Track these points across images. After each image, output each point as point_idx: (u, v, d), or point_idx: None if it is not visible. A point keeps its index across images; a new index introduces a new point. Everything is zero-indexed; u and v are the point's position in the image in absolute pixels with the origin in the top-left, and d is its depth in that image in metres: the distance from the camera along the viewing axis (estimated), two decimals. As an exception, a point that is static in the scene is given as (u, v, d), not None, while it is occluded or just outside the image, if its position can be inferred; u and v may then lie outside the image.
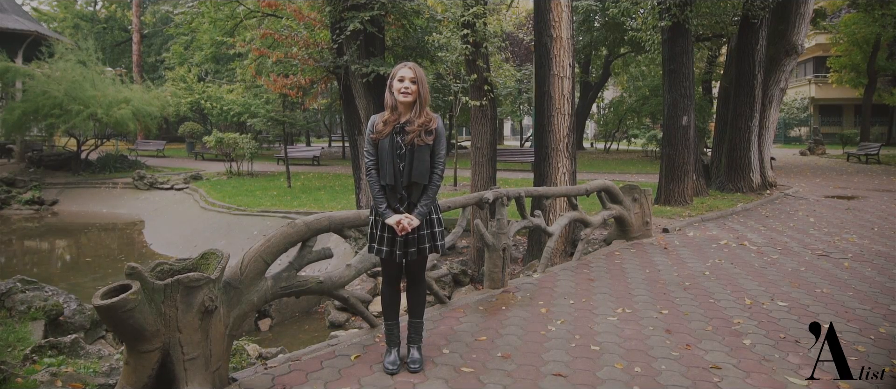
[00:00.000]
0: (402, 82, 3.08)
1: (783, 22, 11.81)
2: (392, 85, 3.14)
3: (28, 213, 16.67)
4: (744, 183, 11.86)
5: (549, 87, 8.13)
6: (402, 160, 3.11)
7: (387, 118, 3.14)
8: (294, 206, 13.15)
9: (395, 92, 3.11)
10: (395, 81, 3.12)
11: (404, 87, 3.07)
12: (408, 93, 3.08)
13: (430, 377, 3.23)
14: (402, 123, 3.13)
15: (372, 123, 3.19)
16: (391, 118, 3.13)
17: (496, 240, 4.94)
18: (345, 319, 7.53)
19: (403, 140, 3.10)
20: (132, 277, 2.58)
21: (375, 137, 3.14)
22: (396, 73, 3.13)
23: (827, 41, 30.60)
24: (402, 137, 3.11)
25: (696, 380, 3.23)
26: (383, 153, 3.11)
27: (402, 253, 3.19)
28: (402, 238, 3.16)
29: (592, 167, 20.06)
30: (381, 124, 3.14)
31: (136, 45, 31.21)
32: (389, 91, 3.16)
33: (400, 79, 3.09)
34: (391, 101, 3.15)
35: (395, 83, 3.11)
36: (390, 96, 3.15)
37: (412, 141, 3.08)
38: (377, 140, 3.13)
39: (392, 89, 3.14)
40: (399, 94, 3.10)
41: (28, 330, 4.61)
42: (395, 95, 3.13)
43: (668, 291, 4.99)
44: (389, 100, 3.16)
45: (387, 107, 3.18)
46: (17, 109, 17.76)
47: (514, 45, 24.01)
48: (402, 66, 3.14)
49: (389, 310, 3.36)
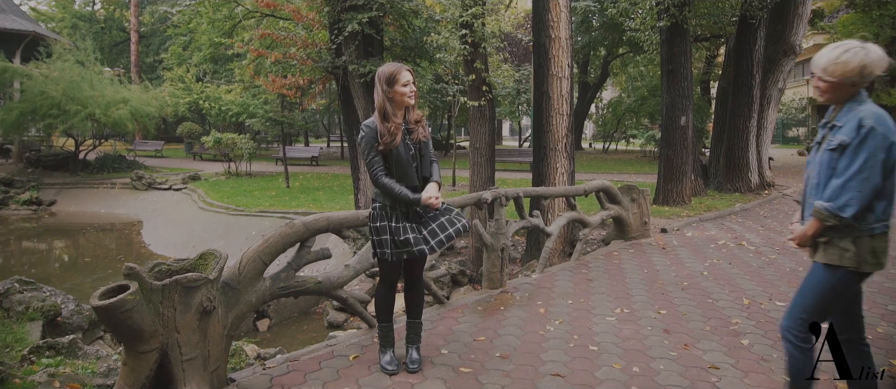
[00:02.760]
0: (408, 85, 3.03)
1: (781, 22, 11.82)
2: (394, 88, 3.01)
3: (26, 214, 16.64)
4: (742, 183, 11.87)
5: (547, 88, 8.13)
6: (415, 160, 3.10)
7: (393, 125, 3.01)
8: (292, 207, 13.14)
9: (402, 95, 3.02)
10: (399, 86, 3.01)
11: (411, 90, 3.05)
12: (413, 94, 3.07)
13: (429, 377, 3.23)
14: (405, 125, 3.10)
15: (374, 133, 3.00)
16: (396, 123, 3.02)
17: (494, 241, 4.95)
18: (343, 319, 7.52)
19: (411, 140, 3.09)
20: (130, 278, 2.58)
21: (385, 148, 3.00)
22: (399, 77, 3.02)
23: (825, 41, 30.59)
24: (409, 137, 3.10)
25: (694, 380, 3.23)
26: (401, 160, 3.02)
27: (424, 244, 3.05)
28: (415, 235, 3.05)
29: (591, 167, 20.07)
30: (389, 135, 2.98)
31: (135, 45, 31.18)
32: (386, 94, 3.02)
33: (404, 84, 3.02)
34: (389, 106, 3.03)
35: (400, 88, 3.01)
36: (386, 100, 3.03)
37: (419, 138, 3.10)
38: (387, 149, 3.00)
39: (393, 92, 3.02)
40: (407, 98, 3.04)
41: (26, 331, 4.61)
42: (398, 98, 3.03)
43: (666, 291, 5.00)
44: (386, 105, 3.02)
45: (380, 111, 3.04)
46: (14, 109, 17.74)
47: (513, 45, 24.01)
48: (400, 69, 3.06)
49: (384, 312, 3.35)
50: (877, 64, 2.42)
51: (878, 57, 2.41)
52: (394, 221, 3.06)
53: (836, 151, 2.45)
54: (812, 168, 2.64)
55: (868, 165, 2.35)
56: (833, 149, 2.47)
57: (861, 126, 2.38)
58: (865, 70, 2.40)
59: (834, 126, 2.52)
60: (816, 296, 2.59)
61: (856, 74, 2.41)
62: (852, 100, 2.48)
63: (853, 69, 2.40)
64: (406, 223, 3.06)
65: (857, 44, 2.44)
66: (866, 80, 2.44)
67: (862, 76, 2.42)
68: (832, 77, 2.46)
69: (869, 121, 2.38)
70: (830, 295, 2.56)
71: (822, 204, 2.46)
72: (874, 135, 2.35)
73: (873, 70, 2.42)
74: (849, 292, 2.59)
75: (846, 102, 2.50)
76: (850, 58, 2.41)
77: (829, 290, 2.55)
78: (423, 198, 3.02)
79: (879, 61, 2.42)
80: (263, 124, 19.60)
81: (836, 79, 2.45)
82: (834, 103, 2.56)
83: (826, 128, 2.58)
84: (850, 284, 2.55)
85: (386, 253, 3.08)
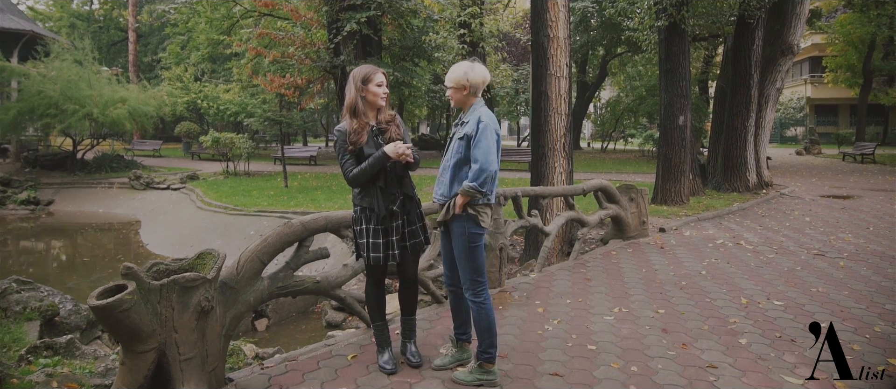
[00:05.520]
0: (381, 86, 3.15)
1: (779, 22, 11.84)
2: (368, 87, 3.12)
3: (24, 213, 16.60)
4: (740, 182, 11.89)
5: (545, 87, 8.14)
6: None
7: (360, 125, 3.10)
8: (291, 206, 13.12)
9: (375, 95, 3.13)
10: (372, 86, 3.13)
11: (384, 92, 3.16)
12: (385, 97, 3.19)
13: (427, 376, 3.23)
14: (376, 126, 3.17)
15: (344, 135, 3.11)
16: (363, 124, 3.11)
17: (493, 240, 4.94)
18: (342, 319, 7.51)
19: (384, 139, 3.14)
20: (128, 277, 2.58)
21: (353, 148, 3.09)
22: (374, 77, 3.14)
23: (823, 41, 30.73)
24: (381, 137, 3.15)
25: (692, 380, 3.24)
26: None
27: (398, 252, 3.17)
28: (397, 236, 3.15)
29: (589, 167, 20.08)
30: (355, 134, 3.08)
31: (133, 44, 31.14)
32: (359, 92, 3.11)
33: (379, 84, 3.14)
34: (360, 106, 3.12)
35: (373, 88, 3.12)
36: (359, 99, 3.12)
37: (392, 137, 3.14)
38: (355, 149, 3.09)
39: (366, 90, 3.12)
40: (379, 99, 3.15)
41: (23, 331, 4.59)
42: (370, 99, 3.14)
43: (664, 291, 5.01)
44: (358, 102, 3.11)
45: (350, 107, 3.13)
46: (12, 109, 17.68)
47: (511, 45, 24.04)
48: (375, 70, 3.18)
49: (376, 311, 3.36)
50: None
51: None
52: (371, 224, 3.15)
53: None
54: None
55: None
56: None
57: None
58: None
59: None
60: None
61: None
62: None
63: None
64: (378, 226, 3.14)
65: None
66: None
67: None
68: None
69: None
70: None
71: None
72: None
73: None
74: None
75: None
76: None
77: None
78: (388, 149, 3.04)
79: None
80: (262, 124, 19.54)
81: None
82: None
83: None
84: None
85: (365, 255, 3.18)
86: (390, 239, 3.15)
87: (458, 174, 3.07)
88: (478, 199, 3.03)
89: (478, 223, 3.08)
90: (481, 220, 3.08)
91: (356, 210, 3.23)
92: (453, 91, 3.13)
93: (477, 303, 3.10)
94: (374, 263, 3.17)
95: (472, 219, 3.07)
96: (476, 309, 3.10)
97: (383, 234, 3.14)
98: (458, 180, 3.07)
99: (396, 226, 3.17)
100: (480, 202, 3.05)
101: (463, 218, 3.07)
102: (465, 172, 3.05)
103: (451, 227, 3.14)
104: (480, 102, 3.16)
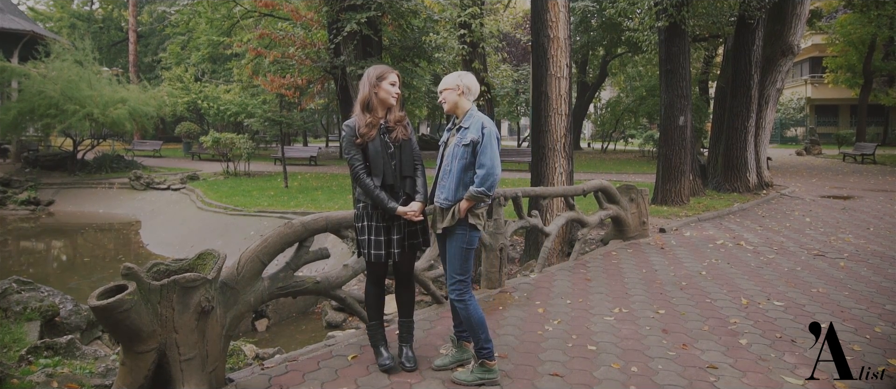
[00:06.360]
0: (394, 86, 3.21)
1: (779, 22, 11.84)
2: (381, 84, 3.19)
3: (24, 214, 16.61)
4: (740, 183, 11.89)
5: (546, 87, 8.13)
6: (394, 157, 3.18)
7: (370, 120, 3.17)
8: (291, 206, 13.12)
9: (386, 93, 3.19)
10: (386, 84, 3.19)
11: (396, 91, 3.22)
12: (397, 97, 3.25)
13: (427, 377, 3.23)
14: (385, 123, 3.21)
15: (353, 128, 3.18)
16: (374, 119, 3.18)
17: (493, 240, 4.95)
18: (342, 319, 7.52)
19: (391, 138, 3.18)
20: (128, 278, 2.58)
21: (361, 141, 3.15)
22: (387, 76, 3.21)
23: (823, 41, 30.72)
24: (388, 135, 3.19)
25: (692, 380, 3.24)
26: (376, 154, 3.15)
27: (399, 251, 3.21)
28: (398, 235, 3.20)
29: (589, 167, 20.08)
30: (365, 127, 3.15)
31: (133, 44, 31.14)
32: (373, 88, 3.18)
33: (392, 83, 3.21)
34: (373, 101, 3.19)
35: (386, 86, 3.19)
36: (372, 95, 3.18)
37: (398, 137, 3.19)
38: (363, 144, 3.15)
39: (379, 87, 3.18)
40: (391, 97, 3.21)
41: (24, 331, 4.59)
42: (382, 96, 3.19)
43: (664, 291, 5.00)
44: (372, 98, 3.18)
45: (362, 106, 3.19)
46: (12, 109, 17.68)
47: (512, 45, 24.03)
48: (389, 71, 3.26)
49: (375, 311, 3.38)
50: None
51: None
52: (373, 221, 3.20)
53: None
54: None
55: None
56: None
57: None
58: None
59: None
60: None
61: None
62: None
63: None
64: (380, 224, 3.19)
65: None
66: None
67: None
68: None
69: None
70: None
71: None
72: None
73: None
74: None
75: None
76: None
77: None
78: (399, 210, 3.14)
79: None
80: (262, 124, 19.57)
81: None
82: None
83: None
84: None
85: (366, 252, 3.22)
86: (392, 238, 3.19)
87: (464, 178, 3.14)
88: (480, 204, 3.15)
89: (477, 226, 3.20)
90: (479, 223, 3.21)
91: (358, 207, 3.26)
92: (448, 92, 3.22)
93: (462, 303, 3.15)
94: (375, 261, 3.20)
95: (472, 223, 3.18)
96: (462, 309, 3.16)
97: (385, 232, 3.19)
98: (464, 184, 3.13)
99: (398, 225, 3.20)
100: (481, 206, 3.19)
101: (465, 221, 3.16)
102: (469, 177, 3.13)
103: (453, 229, 3.18)
104: (475, 108, 3.26)
